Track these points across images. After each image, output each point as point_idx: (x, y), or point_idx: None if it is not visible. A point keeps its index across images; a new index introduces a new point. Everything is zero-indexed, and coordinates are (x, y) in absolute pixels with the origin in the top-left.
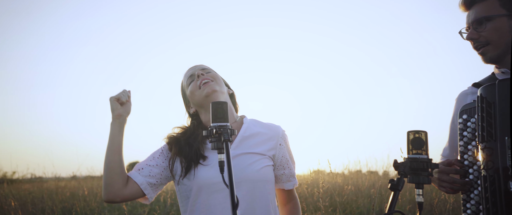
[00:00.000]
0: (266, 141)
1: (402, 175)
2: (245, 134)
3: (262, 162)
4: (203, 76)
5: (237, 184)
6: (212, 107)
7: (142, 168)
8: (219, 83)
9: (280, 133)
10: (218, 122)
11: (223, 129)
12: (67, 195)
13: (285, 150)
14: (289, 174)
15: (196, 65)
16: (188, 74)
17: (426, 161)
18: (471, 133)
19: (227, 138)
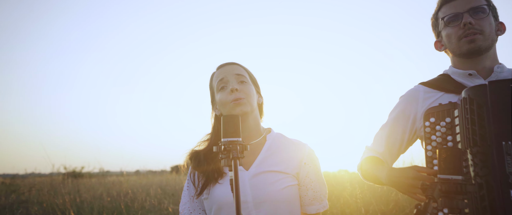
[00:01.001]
0: (290, 159)
1: (431, 199)
2: (269, 151)
3: (285, 181)
4: (237, 92)
5: (258, 204)
6: (223, 121)
7: (183, 210)
8: (251, 100)
9: (305, 151)
10: (229, 136)
11: (232, 145)
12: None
13: (309, 170)
14: (312, 197)
15: (228, 66)
16: (219, 77)
17: (461, 183)
18: (442, 137)
19: (236, 155)
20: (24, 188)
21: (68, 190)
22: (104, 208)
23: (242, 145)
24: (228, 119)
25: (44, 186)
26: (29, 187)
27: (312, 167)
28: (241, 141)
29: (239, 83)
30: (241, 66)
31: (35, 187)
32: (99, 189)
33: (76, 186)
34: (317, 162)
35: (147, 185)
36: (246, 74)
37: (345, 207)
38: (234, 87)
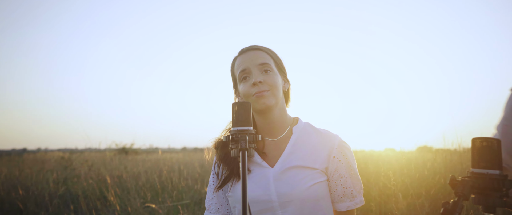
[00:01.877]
0: (318, 152)
1: (461, 197)
2: (295, 145)
3: (313, 177)
4: (261, 84)
5: (284, 204)
6: (233, 108)
7: (210, 206)
8: (276, 92)
9: (335, 143)
10: (239, 125)
11: (241, 135)
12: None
13: (340, 164)
14: (342, 193)
15: (251, 53)
16: (241, 67)
17: (499, 178)
18: None
19: (244, 146)
20: (77, 163)
21: (115, 166)
22: (141, 187)
23: (253, 135)
24: (238, 106)
25: (95, 162)
26: (81, 162)
27: (343, 160)
28: (252, 130)
29: (263, 74)
30: (265, 51)
31: (86, 163)
32: (143, 166)
33: (124, 162)
34: (349, 154)
35: (189, 162)
36: (271, 61)
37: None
38: (257, 80)
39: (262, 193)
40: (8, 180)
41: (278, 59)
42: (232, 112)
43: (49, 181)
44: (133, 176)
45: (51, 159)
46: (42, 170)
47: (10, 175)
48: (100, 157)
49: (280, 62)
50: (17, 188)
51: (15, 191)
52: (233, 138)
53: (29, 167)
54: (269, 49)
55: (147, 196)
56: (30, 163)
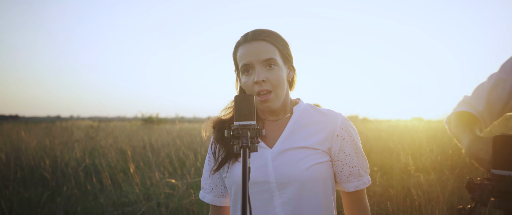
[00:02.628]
0: (320, 132)
1: (478, 203)
2: (296, 125)
3: (313, 158)
4: (263, 83)
5: (282, 185)
6: (236, 101)
7: (204, 186)
8: (279, 92)
9: (338, 121)
10: (241, 119)
11: (243, 131)
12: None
13: (344, 143)
14: (348, 173)
15: (255, 44)
16: (244, 60)
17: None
18: None
19: (245, 144)
20: (103, 134)
21: (140, 137)
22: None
23: (256, 130)
24: (240, 99)
25: (122, 131)
26: (107, 134)
27: (348, 138)
28: (255, 125)
29: (267, 70)
30: (271, 41)
31: (112, 134)
32: (167, 136)
33: (149, 133)
34: (353, 133)
35: None
36: (276, 54)
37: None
38: (260, 79)
39: (260, 174)
40: (39, 150)
41: (284, 47)
42: (234, 104)
43: (76, 151)
44: (156, 148)
45: (81, 128)
46: (70, 140)
47: (41, 145)
48: (127, 126)
49: (286, 49)
50: (49, 157)
51: (44, 161)
52: (234, 135)
53: (59, 137)
54: (275, 37)
55: (168, 170)
56: (61, 132)
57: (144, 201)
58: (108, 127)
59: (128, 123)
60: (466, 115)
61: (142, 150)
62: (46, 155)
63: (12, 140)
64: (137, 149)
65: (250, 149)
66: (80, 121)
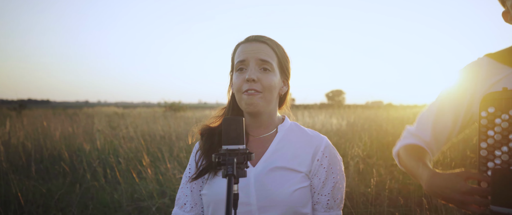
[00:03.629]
0: (303, 153)
1: None
2: (280, 144)
3: (297, 181)
4: (254, 83)
5: (263, 208)
6: (224, 124)
7: (179, 197)
8: (268, 96)
9: (321, 146)
10: (229, 143)
11: (229, 158)
12: None
13: (321, 169)
14: (316, 200)
15: (255, 44)
16: (241, 57)
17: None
18: (502, 134)
19: (231, 173)
20: (124, 124)
21: (160, 127)
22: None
23: (245, 155)
24: (229, 122)
25: (144, 119)
26: (128, 123)
27: (326, 166)
28: (244, 149)
29: (261, 71)
30: (272, 46)
31: (132, 124)
32: (186, 125)
33: (171, 121)
34: (334, 160)
35: None
36: (274, 60)
37: None
38: (251, 77)
39: (241, 194)
40: (62, 140)
41: (284, 59)
42: (222, 127)
43: (97, 141)
44: (173, 139)
45: (106, 114)
46: (93, 129)
47: (65, 133)
48: (150, 114)
49: (286, 62)
50: (70, 147)
51: (66, 151)
52: (219, 162)
53: (83, 125)
54: (277, 46)
55: (183, 163)
56: (85, 120)
57: (157, 196)
58: (131, 114)
59: (151, 109)
60: (415, 148)
61: (161, 140)
62: (67, 145)
63: (38, 128)
64: (155, 139)
65: (238, 174)
66: (106, 107)
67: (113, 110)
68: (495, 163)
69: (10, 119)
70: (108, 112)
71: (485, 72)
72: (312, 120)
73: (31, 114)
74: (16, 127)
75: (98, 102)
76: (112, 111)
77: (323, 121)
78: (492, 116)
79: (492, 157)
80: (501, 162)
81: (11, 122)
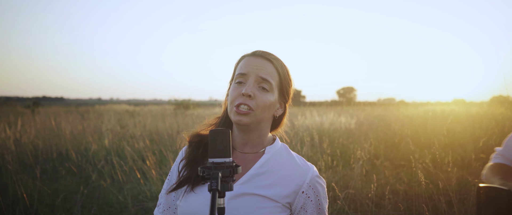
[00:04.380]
0: (286, 183)
1: None
2: (263, 167)
3: (271, 211)
4: (248, 99)
5: None
6: (210, 136)
7: (159, 204)
8: (259, 115)
9: (307, 177)
10: (216, 156)
11: (214, 173)
12: None
13: (308, 202)
14: None
15: (260, 60)
16: (243, 70)
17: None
18: None
19: (215, 188)
20: (133, 122)
21: (168, 125)
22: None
23: (231, 167)
24: (216, 134)
25: (152, 119)
26: (137, 122)
27: (313, 198)
28: (231, 162)
29: (259, 89)
30: (277, 67)
31: (140, 123)
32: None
33: (180, 119)
34: (320, 191)
35: None
36: (275, 79)
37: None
38: (247, 92)
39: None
40: (72, 139)
41: (286, 81)
42: (209, 139)
43: (106, 140)
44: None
45: (117, 112)
46: (102, 128)
47: (75, 131)
48: (159, 111)
49: (287, 85)
50: (78, 146)
51: (76, 150)
52: (203, 176)
53: (93, 124)
54: (282, 66)
55: None
56: (96, 117)
57: None
58: (141, 112)
59: (161, 107)
60: (499, 166)
61: (169, 138)
62: (76, 145)
63: (49, 126)
64: (163, 138)
65: (224, 188)
66: (117, 104)
67: (124, 107)
68: None
69: (23, 117)
70: (119, 109)
71: None
72: (321, 118)
73: (45, 112)
74: (28, 125)
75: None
76: (123, 108)
77: (332, 119)
78: None
79: None
80: None
81: (23, 120)
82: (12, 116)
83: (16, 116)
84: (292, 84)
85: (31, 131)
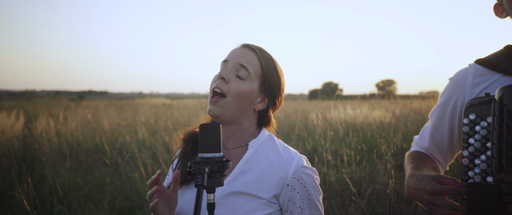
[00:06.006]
0: (270, 177)
1: None
2: (247, 164)
3: (253, 208)
4: (222, 82)
5: None
6: (200, 131)
7: None
8: (232, 104)
9: (291, 169)
10: (205, 151)
11: (200, 169)
12: None
13: (294, 194)
14: None
15: (243, 49)
16: (225, 57)
17: None
18: (481, 142)
19: (200, 183)
20: (164, 117)
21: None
22: None
23: (220, 163)
24: (206, 128)
25: (185, 112)
26: (168, 117)
27: (299, 189)
28: (220, 157)
29: (234, 76)
30: (259, 55)
31: (172, 117)
32: None
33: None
34: (308, 182)
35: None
36: (254, 68)
37: None
38: (222, 75)
39: None
40: (109, 132)
41: (271, 76)
42: (199, 134)
43: (139, 134)
44: None
45: (154, 105)
46: (137, 121)
47: (112, 125)
48: (196, 104)
49: (271, 80)
50: (113, 140)
51: (112, 143)
52: (190, 171)
53: (130, 117)
54: (267, 59)
55: None
56: (134, 111)
57: None
58: (178, 105)
59: (197, 101)
60: (414, 153)
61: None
62: (111, 137)
63: (87, 119)
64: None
65: (213, 183)
66: (156, 98)
67: (162, 101)
68: (475, 171)
69: (66, 110)
70: (157, 103)
71: (471, 81)
72: (354, 113)
73: (88, 105)
74: (71, 118)
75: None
76: (161, 102)
77: (366, 114)
78: (473, 123)
79: (472, 165)
80: (479, 171)
81: (65, 114)
82: (57, 109)
83: (61, 109)
84: (282, 83)
85: (72, 124)
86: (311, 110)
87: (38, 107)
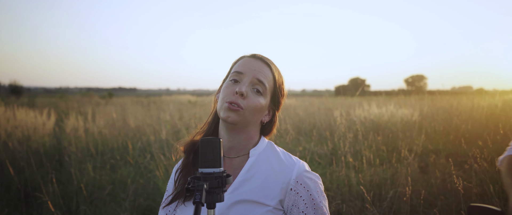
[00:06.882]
0: (273, 183)
1: None
2: (250, 172)
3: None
4: (241, 98)
5: None
6: (201, 146)
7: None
8: (248, 116)
9: (293, 174)
10: (205, 166)
11: (198, 185)
12: None
13: (298, 199)
14: None
15: (258, 63)
16: (240, 69)
17: None
18: None
19: (198, 200)
20: (188, 115)
21: None
22: None
23: (220, 178)
24: (207, 144)
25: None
26: (192, 115)
27: (303, 194)
28: (221, 172)
29: (252, 91)
30: (274, 73)
31: (195, 116)
32: None
33: None
34: (311, 186)
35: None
36: (270, 84)
37: None
38: (241, 90)
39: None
40: (135, 129)
41: (279, 90)
42: (199, 149)
43: (163, 132)
44: None
45: (180, 102)
46: (160, 120)
47: (137, 122)
48: None
49: (279, 93)
50: (137, 138)
51: (137, 141)
52: (188, 188)
53: (155, 115)
54: (279, 74)
55: None
56: (159, 108)
57: None
58: (203, 103)
59: None
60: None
61: None
62: (136, 136)
63: (113, 117)
64: None
65: (213, 199)
66: (182, 95)
67: (187, 98)
68: None
69: (96, 107)
70: (183, 99)
71: None
72: (379, 110)
73: (117, 102)
74: (99, 116)
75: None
76: (187, 99)
77: (392, 111)
78: None
79: None
80: None
81: (94, 111)
82: (87, 106)
83: (91, 107)
84: (284, 95)
85: (100, 122)
86: (335, 107)
87: (69, 104)
